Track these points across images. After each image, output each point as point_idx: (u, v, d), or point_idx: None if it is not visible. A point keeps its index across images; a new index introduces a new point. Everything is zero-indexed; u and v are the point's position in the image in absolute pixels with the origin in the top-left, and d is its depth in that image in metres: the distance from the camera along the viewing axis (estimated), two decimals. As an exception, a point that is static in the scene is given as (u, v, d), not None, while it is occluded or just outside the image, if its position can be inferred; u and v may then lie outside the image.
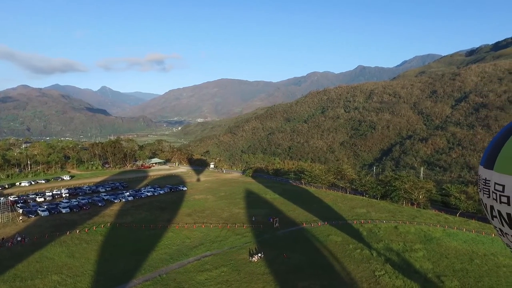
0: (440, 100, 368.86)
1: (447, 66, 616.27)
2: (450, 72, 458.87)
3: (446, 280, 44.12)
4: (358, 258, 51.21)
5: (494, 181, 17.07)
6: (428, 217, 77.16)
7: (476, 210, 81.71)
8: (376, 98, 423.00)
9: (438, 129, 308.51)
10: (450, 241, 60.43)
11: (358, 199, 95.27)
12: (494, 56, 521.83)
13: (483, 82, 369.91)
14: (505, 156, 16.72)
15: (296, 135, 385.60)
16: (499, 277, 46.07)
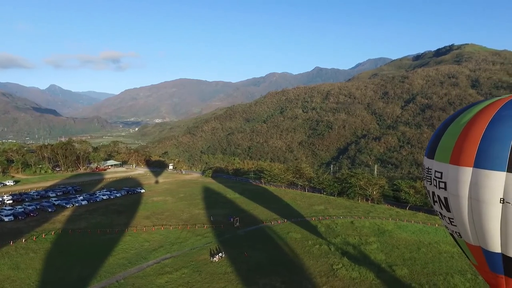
0: (391, 101, 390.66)
1: (397, 69, 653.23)
2: (400, 75, 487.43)
3: (397, 269, 47.03)
4: (317, 253, 52.90)
5: (434, 169, 18.98)
6: (381, 212, 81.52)
7: (423, 203, 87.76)
8: (332, 99, 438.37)
9: (390, 128, 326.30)
10: (401, 232, 64.41)
11: (316, 197, 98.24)
12: (436, 62, 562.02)
13: (427, 85, 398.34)
14: (442, 146, 18.59)
15: (255, 135, 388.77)
16: (441, 262, 50.35)
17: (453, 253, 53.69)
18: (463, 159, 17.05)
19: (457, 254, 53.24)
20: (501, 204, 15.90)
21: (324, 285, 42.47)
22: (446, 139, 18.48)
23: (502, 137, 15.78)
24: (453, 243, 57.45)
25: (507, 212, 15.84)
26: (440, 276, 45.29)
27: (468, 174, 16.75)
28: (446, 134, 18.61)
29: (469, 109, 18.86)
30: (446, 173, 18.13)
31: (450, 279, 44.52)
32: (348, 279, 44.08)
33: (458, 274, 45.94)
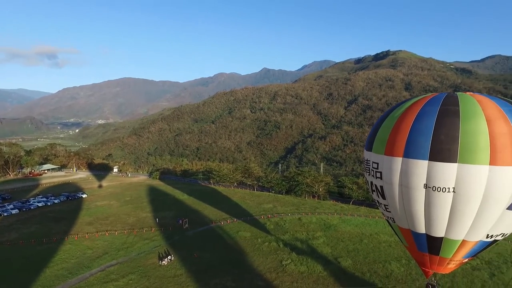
0: (335, 102, 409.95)
1: (340, 71, 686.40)
2: (343, 77, 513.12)
3: (341, 261, 49.67)
4: (267, 251, 53.94)
5: (372, 160, 20.74)
6: (327, 207, 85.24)
7: (365, 198, 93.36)
8: (280, 99, 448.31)
9: (334, 128, 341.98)
10: (345, 226, 67.98)
11: (265, 195, 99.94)
12: (375, 65, 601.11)
13: (368, 87, 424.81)
14: (379, 139, 20.39)
15: (204, 136, 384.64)
16: (380, 251, 54.15)
17: (390, 242, 57.94)
18: (395, 150, 18.85)
19: (394, 242, 57.56)
20: (424, 189, 17.84)
21: (274, 281, 43.48)
22: (382, 132, 20.28)
23: (425, 130, 17.70)
24: (391, 233, 62.19)
25: (429, 196, 17.83)
26: (380, 264, 48.69)
27: (399, 163, 18.57)
28: (381, 127, 20.42)
29: (401, 105, 20.88)
30: (382, 164, 19.89)
31: (388, 265, 48.06)
32: (297, 273, 45.61)
33: (395, 261, 49.73)
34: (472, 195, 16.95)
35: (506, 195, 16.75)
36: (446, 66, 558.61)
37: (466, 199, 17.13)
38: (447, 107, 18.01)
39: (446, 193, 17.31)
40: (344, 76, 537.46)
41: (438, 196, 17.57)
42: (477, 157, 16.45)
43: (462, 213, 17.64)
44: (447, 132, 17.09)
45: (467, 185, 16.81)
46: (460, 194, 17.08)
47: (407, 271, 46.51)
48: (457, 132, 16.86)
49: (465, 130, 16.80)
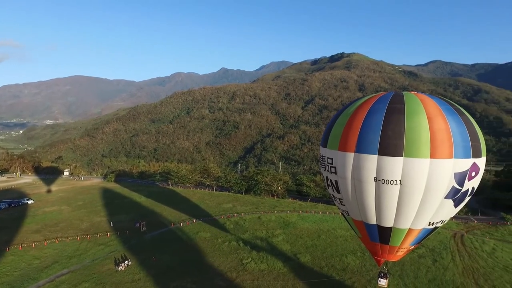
0: (293, 102, 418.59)
1: (298, 72, 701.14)
2: (300, 78, 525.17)
3: (300, 257, 51.02)
4: (227, 250, 53.93)
5: (327, 156, 21.74)
6: (286, 205, 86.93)
7: (322, 195, 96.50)
8: (238, 99, 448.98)
9: (292, 127, 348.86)
10: (303, 223, 69.82)
11: (225, 195, 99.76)
12: (330, 67, 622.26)
13: (324, 88, 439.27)
14: (333, 135, 21.42)
15: (161, 136, 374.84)
16: (337, 245, 56.45)
17: (346, 237, 60.50)
18: (348, 146, 19.90)
19: (349, 237, 60.16)
20: (374, 182, 19.04)
21: (235, 280, 43.61)
22: (336, 129, 21.31)
23: (375, 126, 18.89)
24: (347, 227, 64.92)
25: (378, 188, 19.06)
26: (337, 258, 50.71)
27: (351, 158, 19.63)
28: (335, 125, 21.47)
29: (353, 103, 22.04)
30: (336, 159, 20.89)
31: (344, 259, 50.18)
32: (257, 271, 46.12)
33: (351, 254, 52.05)
34: (416, 187, 18.35)
35: (444, 185, 18.41)
36: (395, 69, 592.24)
37: (411, 191, 18.51)
38: (394, 105, 19.32)
39: (393, 185, 18.55)
40: (301, 76, 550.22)
41: (387, 188, 18.78)
42: (419, 151, 17.83)
43: (408, 204, 19.02)
44: (394, 128, 18.34)
45: (411, 177, 18.15)
46: (406, 186, 18.40)
47: (362, 263, 48.86)
48: (402, 128, 18.17)
49: (409, 126, 18.14)
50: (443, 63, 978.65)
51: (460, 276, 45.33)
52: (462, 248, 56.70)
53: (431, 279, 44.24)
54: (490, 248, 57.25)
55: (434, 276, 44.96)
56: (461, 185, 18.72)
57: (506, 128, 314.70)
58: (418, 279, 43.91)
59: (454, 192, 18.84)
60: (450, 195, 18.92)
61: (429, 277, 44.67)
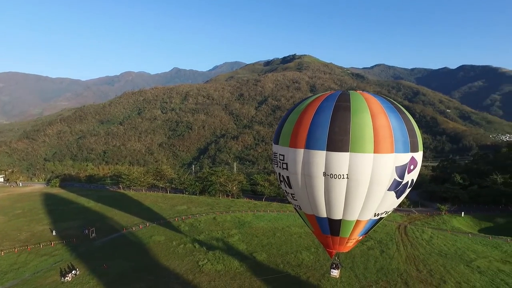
0: (247, 102, 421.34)
1: (251, 73, 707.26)
2: (253, 78, 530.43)
3: (257, 255, 51.63)
4: (182, 253, 53.00)
5: (279, 153, 22.49)
6: (241, 205, 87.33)
7: (276, 193, 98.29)
8: (191, 100, 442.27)
9: (246, 128, 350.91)
10: (259, 222, 70.65)
11: (179, 197, 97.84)
12: (283, 68, 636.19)
13: (277, 88, 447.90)
14: (284, 133, 22.15)
15: (111, 138, 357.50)
16: (292, 242, 57.85)
17: (301, 233, 62.24)
18: (298, 142, 20.74)
19: (304, 233, 62.00)
20: (323, 177, 20.07)
21: (191, 282, 43.06)
22: (287, 127, 22.07)
23: (323, 123, 19.94)
24: (302, 224, 66.82)
25: (327, 183, 20.13)
26: (292, 255, 52.01)
27: (301, 154, 20.49)
28: (287, 122, 22.29)
29: (303, 101, 23.01)
30: (287, 155, 21.68)
31: (299, 255, 51.63)
32: (214, 272, 45.92)
33: (305, 250, 53.68)
34: (361, 180, 19.66)
35: (386, 178, 19.94)
36: (344, 71, 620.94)
37: (357, 184, 19.80)
38: (340, 103, 20.55)
39: (341, 180, 19.72)
40: (254, 77, 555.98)
41: (335, 182, 19.90)
42: (364, 146, 19.13)
43: (355, 197, 20.32)
44: (340, 125, 19.50)
45: (357, 171, 19.41)
46: (352, 179, 19.63)
47: (316, 258, 50.62)
48: (348, 125, 19.37)
49: (354, 123, 19.39)
50: (386, 67, 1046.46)
51: (403, 264, 48.81)
52: (405, 238, 61.04)
53: (379, 268, 47.10)
54: (428, 236, 62.34)
55: (382, 266, 47.92)
56: (401, 177, 20.37)
57: (440, 128, 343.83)
58: (368, 270, 46.51)
59: (396, 185, 20.45)
60: (392, 187, 20.51)
61: (377, 267, 47.52)
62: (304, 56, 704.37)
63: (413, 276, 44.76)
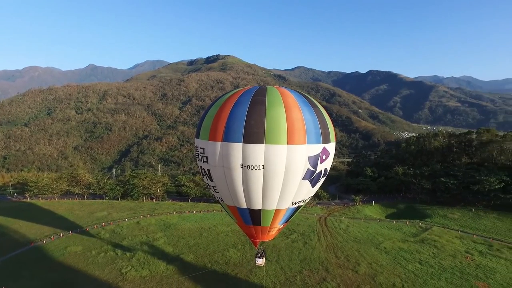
0: (170, 102, 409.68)
1: (174, 72, 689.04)
2: (177, 78, 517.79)
3: (184, 257, 50.70)
4: (103, 262, 49.45)
5: (200, 146, 22.92)
6: (166, 207, 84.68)
7: (202, 194, 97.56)
8: (110, 99, 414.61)
9: (170, 128, 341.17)
10: (185, 223, 69.35)
11: (98, 203, 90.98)
12: (207, 68, 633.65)
13: (201, 88, 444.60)
14: (204, 127, 22.59)
15: (13, 142, 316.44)
16: (219, 241, 58.15)
17: (228, 232, 62.74)
18: (216, 135, 21.29)
19: (230, 232, 62.63)
20: (241, 169, 20.85)
21: (113, 292, 40.48)
22: (207, 121, 22.53)
23: (240, 116, 20.71)
24: (229, 223, 67.43)
25: (245, 174, 20.97)
26: (219, 253, 52.18)
27: (220, 147, 21.07)
28: (206, 116, 22.74)
29: (223, 96, 23.60)
30: (207, 148, 22.14)
31: (226, 253, 52.06)
32: (139, 278, 43.83)
33: (232, 248, 54.31)
34: (277, 170, 20.80)
35: (300, 168, 21.37)
36: (266, 72, 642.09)
37: (273, 174, 20.90)
38: (257, 97, 21.54)
39: (258, 170, 20.66)
40: (177, 77, 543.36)
41: (252, 173, 20.80)
42: (278, 138, 20.29)
43: (272, 186, 21.42)
44: (256, 118, 20.43)
45: (272, 162, 20.51)
46: (268, 170, 20.70)
47: (243, 254, 51.53)
48: (263, 118, 20.37)
49: (269, 116, 20.43)
50: (306, 69, 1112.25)
51: (324, 253, 52.51)
52: (325, 229, 65.62)
53: (303, 259, 49.91)
54: (345, 226, 68.03)
55: (305, 256, 50.85)
56: (315, 167, 22.05)
57: (354, 126, 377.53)
58: (292, 261, 48.94)
59: (310, 174, 22.06)
60: (306, 176, 22.05)
61: (301, 258, 50.31)
62: (228, 57, 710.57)
63: (333, 263, 48.43)
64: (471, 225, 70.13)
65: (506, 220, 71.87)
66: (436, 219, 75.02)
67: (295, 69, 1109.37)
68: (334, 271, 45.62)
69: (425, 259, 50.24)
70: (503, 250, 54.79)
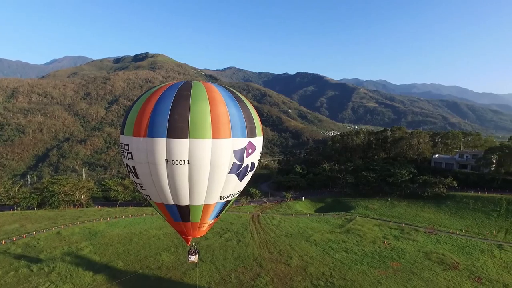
0: (95, 102, 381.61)
1: (98, 70, 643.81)
2: (102, 76, 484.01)
3: (113, 265, 47.88)
4: (13, 281, 43.97)
5: (124, 143, 21.99)
6: (91, 214, 78.67)
7: (132, 197, 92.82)
8: (22, 98, 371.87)
9: (95, 130, 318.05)
10: (113, 230, 65.21)
11: (7, 215, 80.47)
12: (135, 66, 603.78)
13: (129, 88, 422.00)
14: (128, 122, 21.69)
15: None
16: (151, 245, 55.92)
17: (160, 235, 60.58)
18: (140, 131, 20.65)
19: (163, 235, 60.61)
20: (166, 164, 20.54)
21: (27, 311, 36.40)
22: (131, 115, 21.70)
23: (163, 111, 20.36)
24: (161, 226, 65.18)
25: (171, 169, 20.68)
26: (151, 258, 50.16)
27: (144, 142, 20.49)
28: (131, 111, 22.00)
29: (149, 90, 22.99)
30: (131, 144, 21.33)
31: (159, 257, 50.26)
32: (58, 293, 40.08)
33: (165, 251, 52.61)
34: (202, 165, 20.82)
35: (226, 162, 21.59)
36: (197, 72, 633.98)
37: (199, 169, 20.89)
38: (181, 92, 21.32)
39: (183, 165, 20.51)
40: (103, 75, 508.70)
41: (177, 168, 20.58)
42: (203, 132, 20.33)
43: (198, 181, 21.36)
44: (180, 112, 20.23)
45: (197, 156, 20.50)
46: (194, 165, 20.65)
47: (176, 257, 50.23)
48: (187, 112, 20.25)
49: (194, 111, 20.39)
50: (237, 70, 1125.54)
51: (257, 249, 53.62)
52: (258, 226, 67.02)
53: (237, 257, 50.33)
54: (277, 222, 70.28)
55: (239, 254, 51.35)
56: (241, 161, 22.41)
57: (284, 126, 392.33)
58: (227, 260, 49.08)
59: (236, 168, 22.39)
60: (233, 170, 22.30)
61: (235, 256, 50.69)
62: (157, 55, 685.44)
63: (266, 258, 49.70)
64: (388, 213, 77.64)
65: (414, 206, 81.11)
66: (359, 210, 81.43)
67: (227, 70, 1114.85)
68: (267, 266, 46.86)
69: (350, 247, 54.28)
70: (411, 233, 62.18)
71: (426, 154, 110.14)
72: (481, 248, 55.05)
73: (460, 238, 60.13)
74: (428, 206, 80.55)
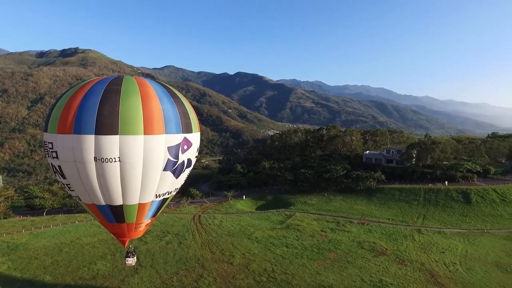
0: (14, 100, 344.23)
1: (17, 64, 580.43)
2: (22, 71, 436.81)
3: (38, 280, 43.58)
4: None
5: (48, 141, 20.36)
6: (11, 226, 70.56)
7: (62, 204, 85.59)
8: None
9: (15, 131, 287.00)
10: (39, 241, 59.30)
11: None
12: (62, 62, 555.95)
13: (56, 85, 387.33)
14: (52, 118, 20.21)
15: None
16: (84, 255, 51.80)
17: (94, 243, 56.54)
18: (66, 128, 19.29)
19: (98, 242, 56.73)
20: (95, 162, 19.41)
21: None
22: (55, 112, 20.16)
23: (91, 106, 19.26)
24: (95, 233, 61.08)
25: (100, 168, 19.58)
26: (85, 268, 46.61)
27: (70, 140, 19.16)
28: (55, 107, 20.32)
29: (75, 86, 21.42)
30: (56, 143, 19.83)
31: (94, 266, 46.95)
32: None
33: (100, 259, 49.29)
34: (134, 162, 19.98)
35: (159, 159, 20.89)
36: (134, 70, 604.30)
37: (131, 166, 19.99)
38: (111, 86, 20.27)
39: (113, 163, 19.52)
40: (23, 70, 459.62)
41: (107, 166, 19.52)
42: (134, 128, 19.54)
43: (130, 179, 20.43)
44: (109, 108, 19.25)
45: (128, 153, 19.62)
46: (125, 162, 19.74)
47: (113, 264, 47.43)
48: (117, 108, 19.33)
49: (124, 106, 19.51)
50: (176, 69, 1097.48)
51: (199, 250, 52.89)
52: (200, 227, 66.13)
53: (178, 259, 49.11)
54: (219, 221, 70.06)
55: (180, 256, 50.15)
56: (176, 157, 21.79)
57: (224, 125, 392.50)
58: (168, 263, 47.62)
59: (171, 164, 21.74)
60: (168, 167, 21.62)
61: (177, 258, 49.41)
62: (89, 51, 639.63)
63: (208, 258, 49.26)
64: (325, 208, 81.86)
65: (349, 200, 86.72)
66: (298, 206, 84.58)
67: (165, 68, 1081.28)
68: (210, 266, 46.49)
69: (290, 242, 56.16)
70: (346, 225, 66.46)
71: (358, 151, 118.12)
72: (404, 234, 60.95)
73: (388, 226, 65.75)
74: (360, 199, 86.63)
